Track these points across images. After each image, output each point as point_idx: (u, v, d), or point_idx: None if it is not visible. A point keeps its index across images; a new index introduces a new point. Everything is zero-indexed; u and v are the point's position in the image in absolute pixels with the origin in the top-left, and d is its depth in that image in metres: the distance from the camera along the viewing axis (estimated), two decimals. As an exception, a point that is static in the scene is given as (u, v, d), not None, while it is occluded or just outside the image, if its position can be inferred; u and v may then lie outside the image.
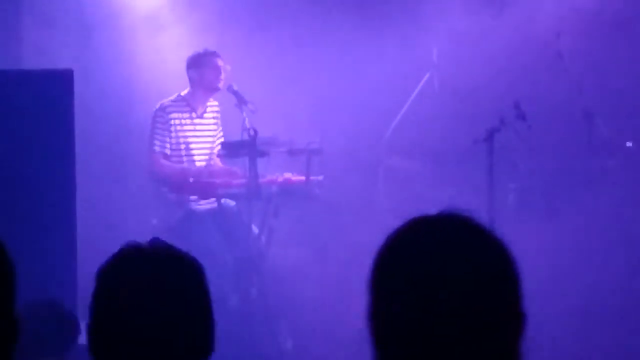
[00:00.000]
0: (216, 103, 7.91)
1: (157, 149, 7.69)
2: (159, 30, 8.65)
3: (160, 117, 7.71)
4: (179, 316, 2.21)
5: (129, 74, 8.53)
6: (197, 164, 7.76)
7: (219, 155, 7.81)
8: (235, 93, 7.66)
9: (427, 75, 8.54)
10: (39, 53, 8.22)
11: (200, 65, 7.72)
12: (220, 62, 7.70)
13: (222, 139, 7.82)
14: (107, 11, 8.57)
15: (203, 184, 7.48)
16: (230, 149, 7.50)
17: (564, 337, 6.91)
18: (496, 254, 1.90)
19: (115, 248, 2.31)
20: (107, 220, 7.88)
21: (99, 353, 2.23)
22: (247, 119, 7.50)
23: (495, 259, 1.90)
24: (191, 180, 7.48)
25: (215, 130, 7.90)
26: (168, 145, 7.70)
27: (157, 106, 7.77)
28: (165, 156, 7.70)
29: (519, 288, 1.90)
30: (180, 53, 7.99)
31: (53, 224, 5.55)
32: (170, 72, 8.17)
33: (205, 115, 7.86)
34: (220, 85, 7.73)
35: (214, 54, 7.72)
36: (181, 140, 7.74)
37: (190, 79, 7.77)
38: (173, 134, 7.71)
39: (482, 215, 1.94)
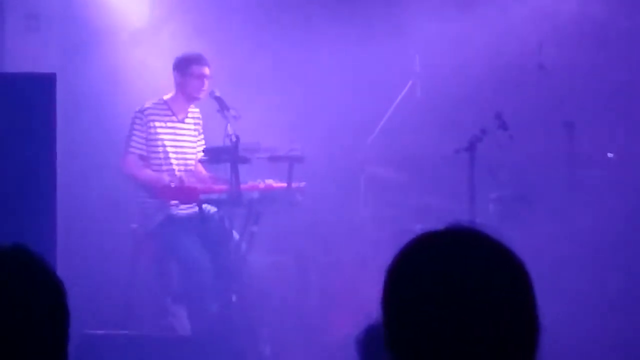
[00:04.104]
0: (197, 110, 7.90)
1: (132, 150, 7.67)
2: (142, 35, 8.64)
3: (139, 119, 7.69)
4: None
5: (112, 78, 8.51)
6: (176, 167, 7.73)
7: (200, 161, 7.80)
8: (217, 99, 7.64)
9: (410, 83, 8.56)
10: (21, 56, 8.20)
11: (185, 73, 7.69)
12: (206, 71, 7.68)
13: (203, 146, 7.81)
14: (91, 14, 8.56)
15: (184, 189, 7.46)
16: (212, 155, 7.49)
17: (551, 346, 6.91)
18: (510, 266, 1.89)
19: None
20: (87, 225, 7.86)
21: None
22: (229, 125, 7.49)
23: (511, 271, 1.88)
24: (173, 185, 7.46)
25: (195, 136, 7.88)
26: (145, 147, 7.68)
27: (137, 108, 7.75)
28: (142, 157, 7.67)
29: (534, 299, 1.90)
30: (163, 60, 7.99)
31: (33, 227, 5.53)
32: (153, 79, 8.17)
33: (187, 120, 7.85)
34: (201, 95, 7.73)
35: (201, 62, 7.69)
36: (159, 143, 7.71)
37: (175, 81, 7.76)
38: (152, 137, 7.69)
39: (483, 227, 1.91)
